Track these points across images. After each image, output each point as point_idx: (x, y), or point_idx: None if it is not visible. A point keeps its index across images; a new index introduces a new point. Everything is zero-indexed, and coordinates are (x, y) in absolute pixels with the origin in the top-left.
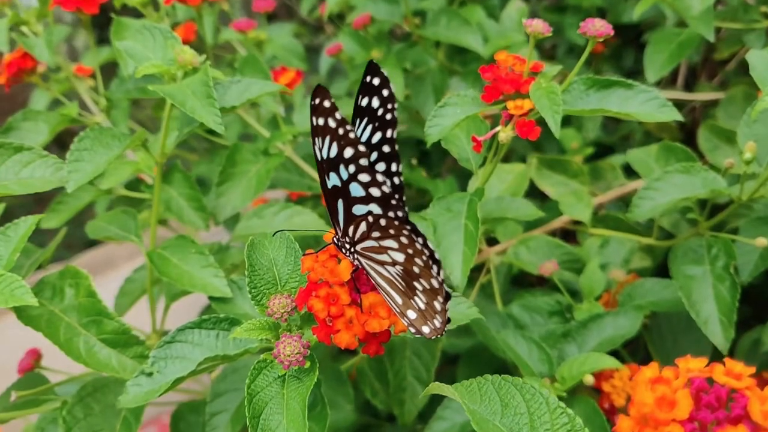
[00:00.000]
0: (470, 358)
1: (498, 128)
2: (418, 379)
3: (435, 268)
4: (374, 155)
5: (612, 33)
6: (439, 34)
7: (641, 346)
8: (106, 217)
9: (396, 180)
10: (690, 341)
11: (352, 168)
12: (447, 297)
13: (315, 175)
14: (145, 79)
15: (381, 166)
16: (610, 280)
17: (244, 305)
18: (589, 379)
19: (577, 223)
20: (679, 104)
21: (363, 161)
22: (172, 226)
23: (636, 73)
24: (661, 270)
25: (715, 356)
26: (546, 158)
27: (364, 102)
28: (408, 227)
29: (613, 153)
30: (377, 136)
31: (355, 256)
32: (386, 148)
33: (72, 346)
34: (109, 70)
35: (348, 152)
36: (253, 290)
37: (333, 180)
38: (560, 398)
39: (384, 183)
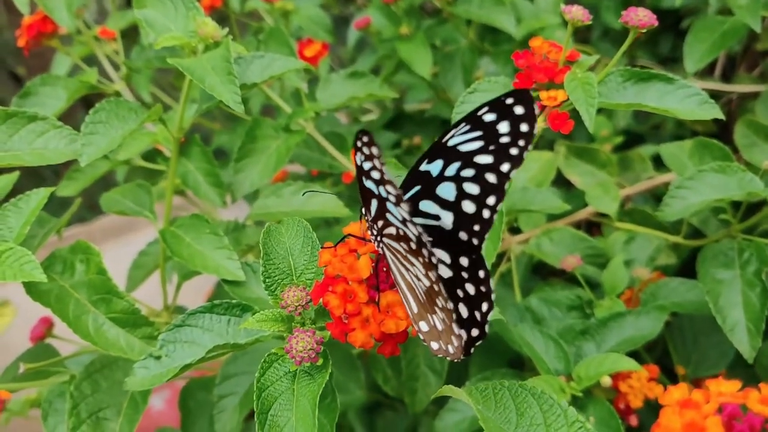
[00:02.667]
0: (485, 347)
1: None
2: (432, 368)
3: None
4: (470, 171)
5: (656, 24)
6: (471, 12)
7: (660, 343)
8: (121, 191)
9: (486, 213)
10: (712, 344)
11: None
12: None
13: (336, 153)
14: (165, 49)
15: (473, 189)
16: (634, 278)
17: (258, 289)
18: (606, 381)
19: (603, 215)
20: (715, 95)
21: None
22: (190, 197)
23: (672, 60)
24: (686, 268)
25: (738, 361)
26: (575, 146)
27: (489, 117)
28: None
29: (643, 142)
30: (486, 159)
31: (381, 245)
32: (491, 177)
33: (80, 324)
34: (134, 35)
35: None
36: (267, 279)
37: (369, 185)
38: (575, 398)
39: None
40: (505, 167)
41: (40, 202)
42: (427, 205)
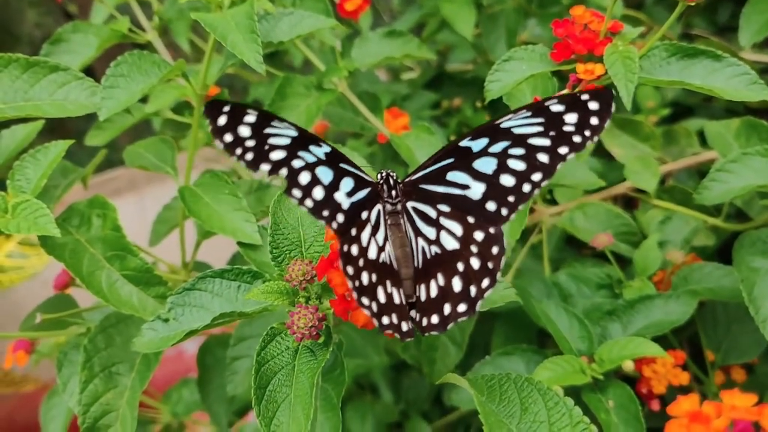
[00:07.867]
0: (509, 319)
1: (564, 92)
2: (452, 339)
3: None
4: (520, 150)
5: None
6: None
7: (691, 324)
8: (144, 145)
9: (526, 187)
10: (745, 332)
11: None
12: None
13: (368, 114)
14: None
15: (519, 165)
16: (667, 260)
17: None
18: (629, 366)
19: (641, 191)
20: None
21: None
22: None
23: (730, 29)
24: (724, 251)
25: None
26: (618, 117)
27: (556, 108)
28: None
29: (692, 115)
30: (542, 141)
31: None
32: (543, 158)
33: (94, 280)
34: None
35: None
36: (274, 250)
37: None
38: (595, 380)
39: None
40: (563, 150)
41: (58, 155)
42: (456, 176)
